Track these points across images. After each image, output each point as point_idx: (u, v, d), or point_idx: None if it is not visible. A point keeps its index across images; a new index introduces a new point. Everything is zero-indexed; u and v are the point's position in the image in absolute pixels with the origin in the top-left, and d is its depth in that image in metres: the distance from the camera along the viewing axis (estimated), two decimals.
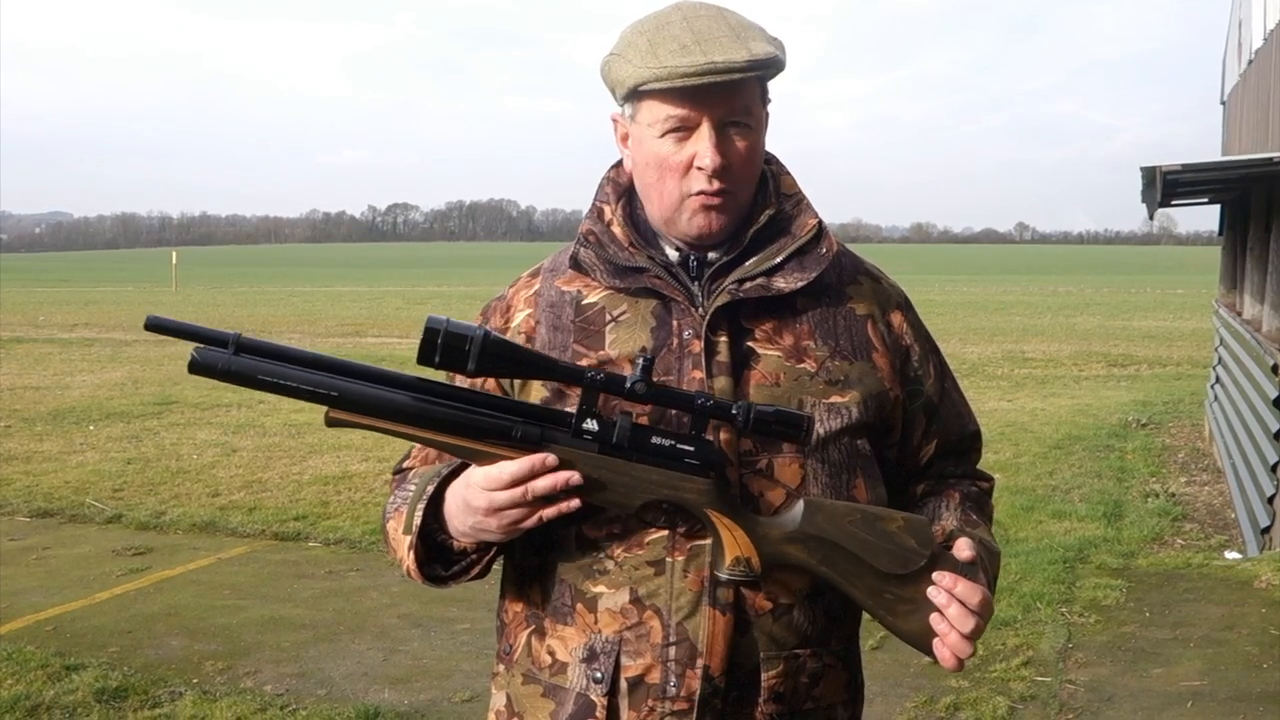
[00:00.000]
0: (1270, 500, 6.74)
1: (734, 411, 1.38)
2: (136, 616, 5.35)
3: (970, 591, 1.41)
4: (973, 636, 1.42)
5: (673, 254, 1.53)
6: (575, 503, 1.38)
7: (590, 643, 1.46)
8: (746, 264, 1.50)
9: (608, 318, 1.51)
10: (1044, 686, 4.52)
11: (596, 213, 1.56)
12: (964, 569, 1.43)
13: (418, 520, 1.45)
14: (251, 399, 12.64)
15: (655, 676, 1.44)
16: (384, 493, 7.98)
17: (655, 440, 1.38)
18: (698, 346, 1.47)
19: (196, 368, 1.32)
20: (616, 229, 1.53)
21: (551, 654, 1.50)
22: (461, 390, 1.41)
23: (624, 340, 1.49)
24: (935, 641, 1.43)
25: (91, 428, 11.06)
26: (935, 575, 1.41)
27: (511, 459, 1.36)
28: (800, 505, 1.41)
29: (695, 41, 1.40)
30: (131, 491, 8.20)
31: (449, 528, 1.44)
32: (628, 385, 1.37)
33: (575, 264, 1.53)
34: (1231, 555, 6.71)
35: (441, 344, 1.33)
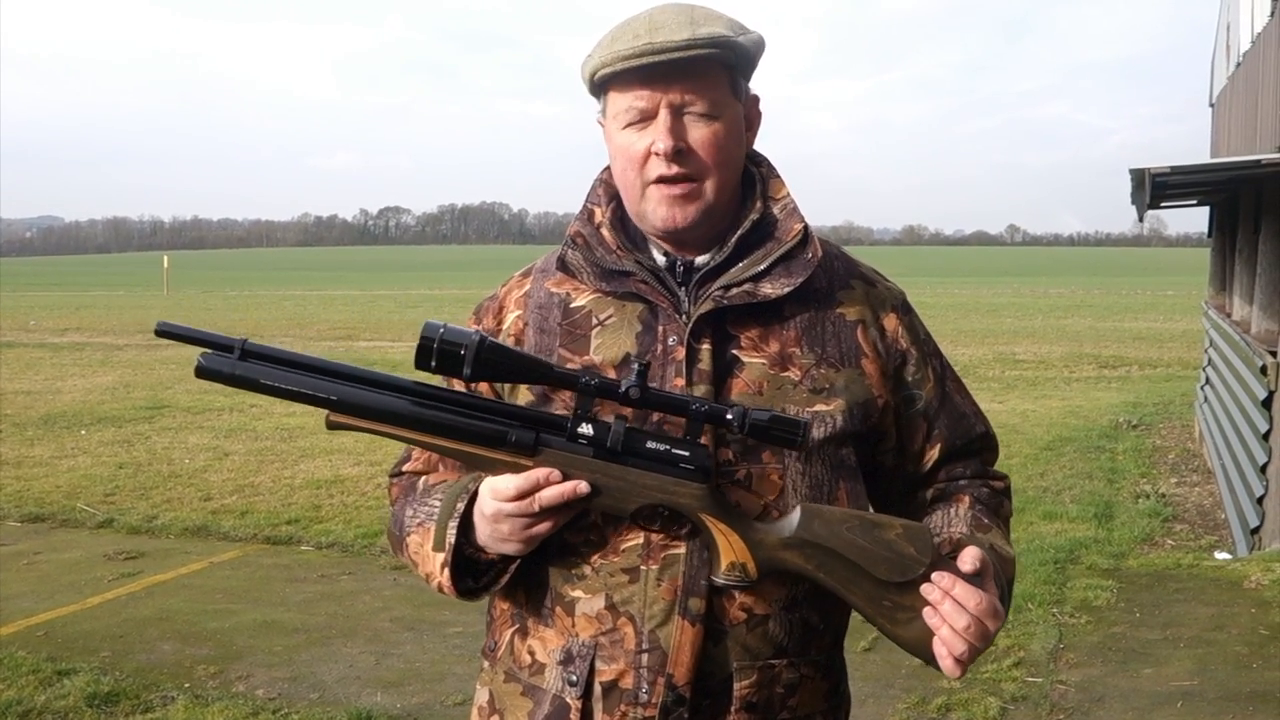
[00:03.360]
0: (1260, 501, 6.77)
1: (729, 416, 1.38)
2: (128, 621, 5.34)
3: (968, 593, 1.38)
4: (969, 636, 1.38)
5: (660, 259, 1.53)
6: (579, 508, 1.39)
7: (567, 646, 1.47)
8: (732, 270, 1.50)
9: (594, 322, 1.52)
10: (1035, 687, 4.54)
11: (587, 214, 1.56)
12: (967, 578, 1.40)
13: (451, 538, 1.45)
14: (243, 403, 12.62)
15: (628, 682, 1.44)
16: (376, 496, 7.97)
17: (650, 445, 1.39)
18: (681, 354, 1.47)
19: (204, 373, 1.35)
20: (605, 231, 1.53)
21: (532, 654, 1.51)
22: (459, 394, 1.42)
23: (609, 345, 1.50)
24: (934, 642, 1.40)
25: (83, 432, 11.04)
26: (934, 575, 1.39)
27: (506, 462, 1.38)
28: (798, 511, 1.41)
29: (648, 30, 1.42)
30: (123, 496, 8.18)
31: (476, 539, 1.45)
32: (621, 389, 1.37)
33: (563, 266, 1.53)
34: (1221, 555, 6.73)
35: (438, 349, 1.34)
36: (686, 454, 1.39)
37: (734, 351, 1.48)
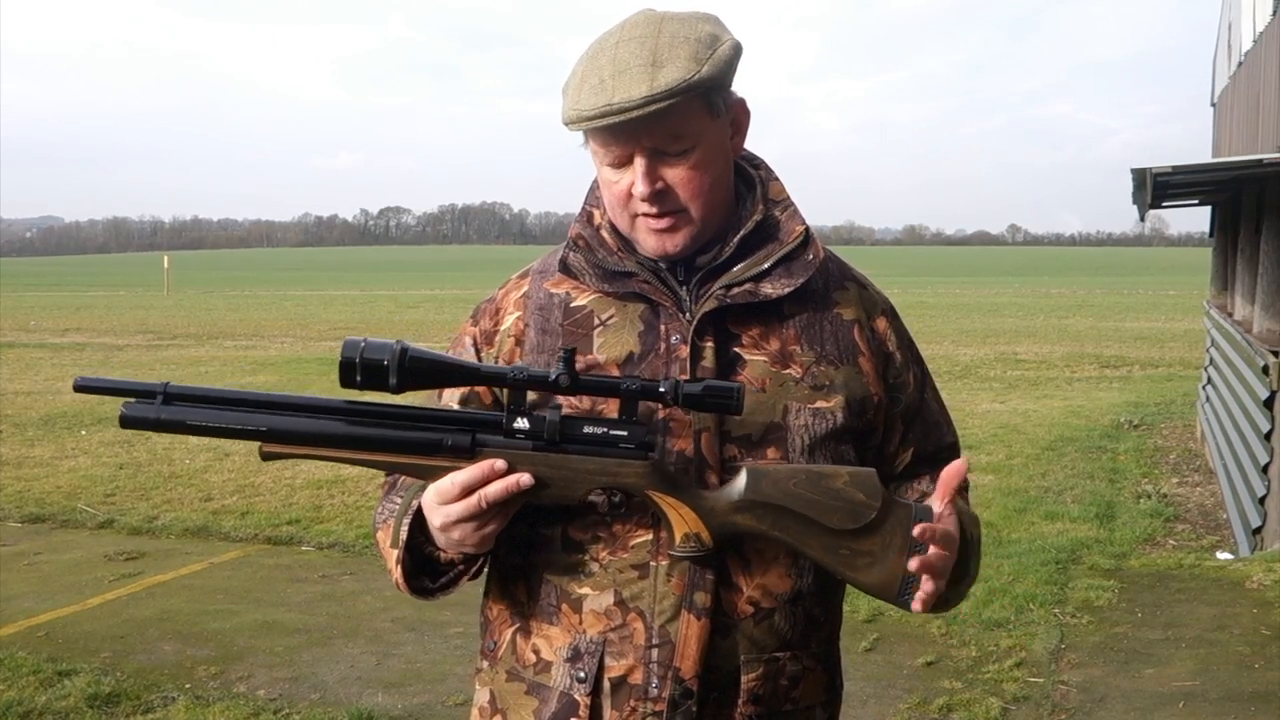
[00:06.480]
0: (1261, 500, 6.76)
1: (662, 390, 1.39)
2: (129, 622, 5.34)
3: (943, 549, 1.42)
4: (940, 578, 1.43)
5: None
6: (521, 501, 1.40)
7: (575, 643, 1.48)
8: (734, 269, 1.51)
9: (596, 321, 1.52)
10: (1037, 687, 4.53)
11: (586, 216, 1.57)
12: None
13: (404, 535, 1.46)
14: None
15: (638, 678, 1.46)
16: (377, 496, 7.96)
17: (587, 429, 1.40)
18: (684, 351, 1.48)
19: (128, 423, 1.35)
20: (605, 233, 1.54)
21: (536, 652, 1.52)
22: (393, 408, 1.41)
23: (612, 344, 1.50)
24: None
25: (83, 433, 11.03)
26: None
27: (446, 467, 1.38)
28: (744, 474, 1.42)
29: (612, 75, 1.39)
30: (123, 496, 8.18)
31: (434, 540, 1.45)
32: (551, 379, 1.38)
33: (564, 268, 1.54)
34: (1223, 556, 6.73)
35: (361, 364, 1.34)
36: (625, 433, 1.39)
37: (736, 349, 1.50)
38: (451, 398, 1.57)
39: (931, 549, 1.41)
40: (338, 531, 7.05)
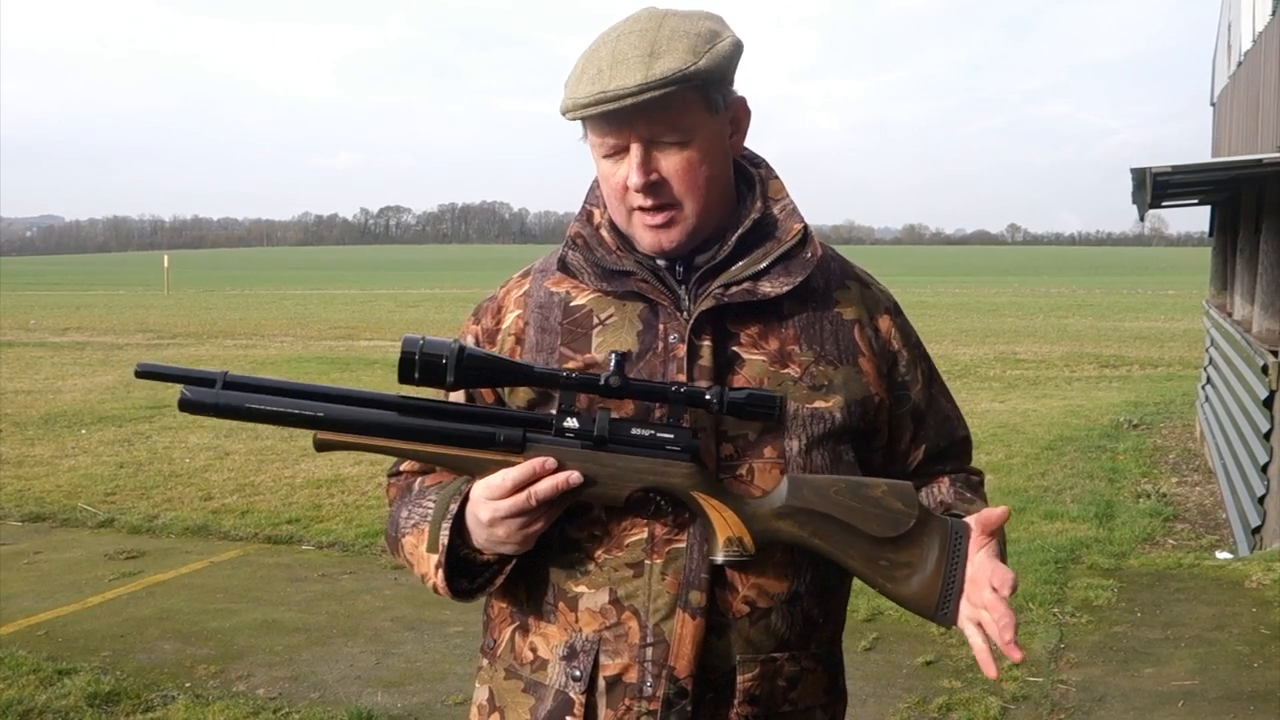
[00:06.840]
0: (1261, 500, 6.77)
1: (708, 397, 1.41)
2: (129, 620, 5.34)
3: (999, 605, 1.41)
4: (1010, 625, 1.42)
5: (660, 259, 1.54)
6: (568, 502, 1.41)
7: (571, 641, 1.49)
8: (732, 268, 1.51)
9: (595, 321, 1.52)
10: (1036, 687, 4.54)
11: (586, 215, 1.57)
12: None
13: (444, 539, 1.46)
14: None
15: (633, 676, 1.46)
16: (377, 495, 7.97)
17: (635, 431, 1.42)
18: (682, 350, 1.48)
19: (188, 406, 1.38)
20: (605, 233, 1.54)
21: (534, 650, 1.52)
22: (443, 404, 1.45)
23: (610, 344, 1.51)
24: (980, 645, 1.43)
25: (83, 431, 11.04)
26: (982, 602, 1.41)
27: (496, 462, 1.40)
28: (785, 481, 1.44)
29: (610, 65, 1.40)
30: (123, 495, 8.18)
31: (472, 541, 1.46)
32: (602, 382, 1.41)
33: (563, 267, 1.54)
34: (1222, 555, 6.73)
35: (420, 361, 1.38)
36: (671, 436, 1.42)
37: (734, 348, 1.50)
38: (456, 398, 1.57)
39: (1000, 608, 1.40)
40: (337, 531, 7.05)
